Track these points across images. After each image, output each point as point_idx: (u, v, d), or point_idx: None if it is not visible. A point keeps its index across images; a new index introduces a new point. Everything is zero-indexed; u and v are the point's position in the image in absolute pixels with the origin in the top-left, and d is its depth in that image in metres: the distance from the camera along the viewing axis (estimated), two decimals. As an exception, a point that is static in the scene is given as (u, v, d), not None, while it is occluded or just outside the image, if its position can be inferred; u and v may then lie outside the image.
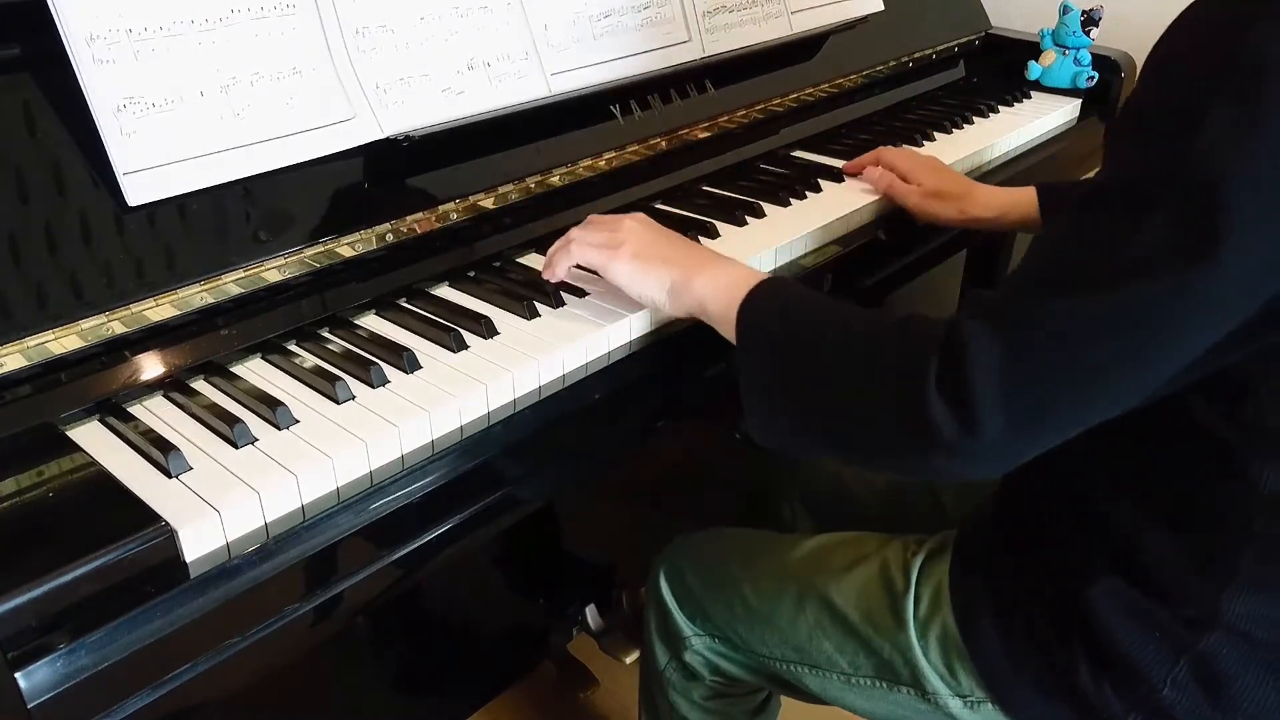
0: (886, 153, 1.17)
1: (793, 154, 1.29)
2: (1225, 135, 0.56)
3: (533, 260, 1.00)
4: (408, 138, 0.89)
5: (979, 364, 0.61)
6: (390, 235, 0.90)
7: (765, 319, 0.75)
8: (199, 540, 0.62)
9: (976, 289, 0.66)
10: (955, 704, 0.83)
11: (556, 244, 0.89)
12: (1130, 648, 0.74)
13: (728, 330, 0.78)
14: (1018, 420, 0.61)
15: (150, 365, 0.76)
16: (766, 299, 0.76)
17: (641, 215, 0.90)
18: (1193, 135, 0.57)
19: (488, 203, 0.97)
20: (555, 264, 0.88)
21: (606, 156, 1.08)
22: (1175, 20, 0.62)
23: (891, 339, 0.67)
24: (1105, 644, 0.75)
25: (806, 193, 1.15)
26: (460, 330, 0.84)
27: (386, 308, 0.90)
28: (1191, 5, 0.62)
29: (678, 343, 0.91)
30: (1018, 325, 0.61)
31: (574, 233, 0.88)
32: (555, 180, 1.03)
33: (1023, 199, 1.08)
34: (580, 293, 0.91)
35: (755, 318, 0.75)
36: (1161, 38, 0.62)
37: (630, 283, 0.85)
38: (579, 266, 0.89)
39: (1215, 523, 0.71)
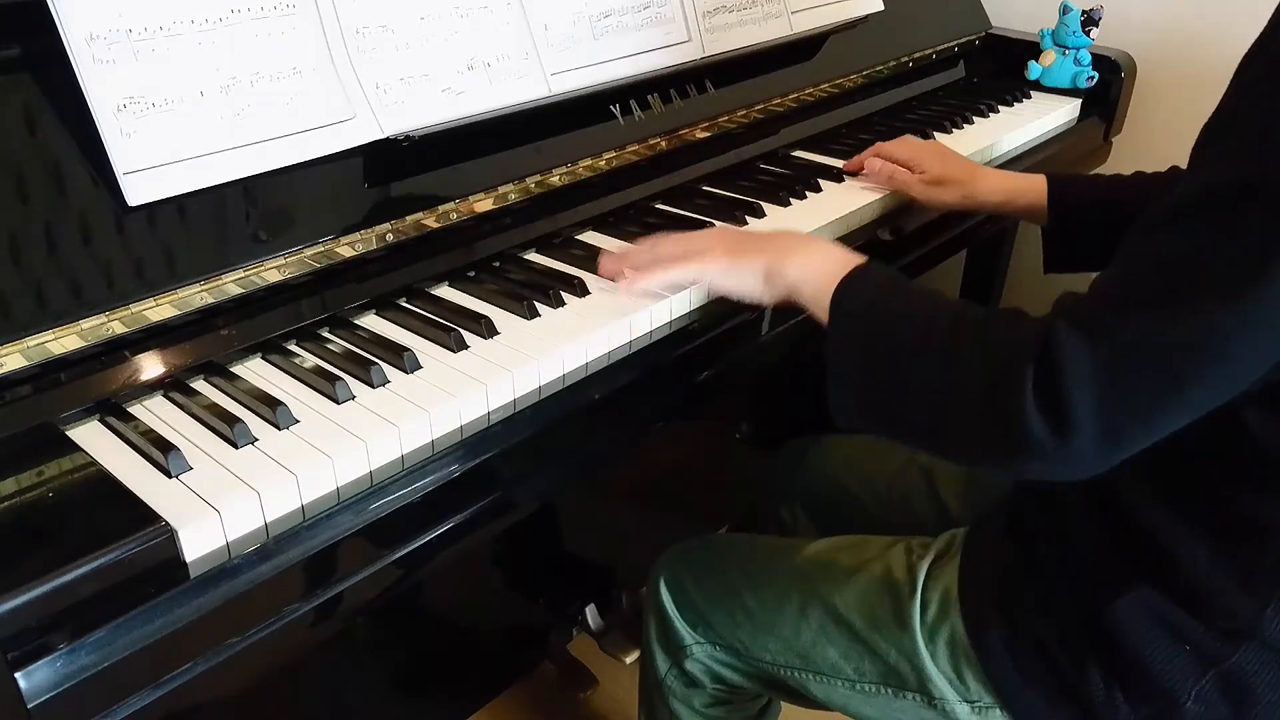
0: (884, 146, 1.17)
1: (793, 154, 1.29)
2: None
3: (533, 259, 1.00)
4: (408, 138, 0.89)
5: (1076, 377, 0.62)
6: (390, 235, 0.90)
7: (855, 309, 0.75)
8: (199, 540, 0.62)
9: (1067, 293, 0.66)
10: (963, 710, 0.82)
11: (631, 254, 0.90)
12: (1155, 659, 0.73)
13: (820, 316, 0.78)
14: (1111, 430, 0.63)
15: (150, 365, 0.76)
16: (857, 289, 0.76)
17: (720, 225, 0.93)
18: (1272, 145, 0.57)
19: (488, 203, 0.97)
20: (637, 280, 0.88)
21: (606, 156, 1.08)
22: (1262, 32, 0.62)
23: (982, 345, 0.68)
24: (1125, 654, 0.74)
25: (806, 193, 1.15)
26: (460, 330, 0.84)
27: (386, 308, 0.90)
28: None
29: (677, 343, 0.91)
30: (1112, 339, 0.62)
31: (648, 250, 0.89)
32: (555, 180, 1.03)
33: (1029, 186, 1.07)
34: (581, 292, 0.91)
35: (845, 310, 0.75)
36: (1251, 47, 0.63)
37: (726, 280, 0.86)
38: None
39: (1260, 537, 0.70)
